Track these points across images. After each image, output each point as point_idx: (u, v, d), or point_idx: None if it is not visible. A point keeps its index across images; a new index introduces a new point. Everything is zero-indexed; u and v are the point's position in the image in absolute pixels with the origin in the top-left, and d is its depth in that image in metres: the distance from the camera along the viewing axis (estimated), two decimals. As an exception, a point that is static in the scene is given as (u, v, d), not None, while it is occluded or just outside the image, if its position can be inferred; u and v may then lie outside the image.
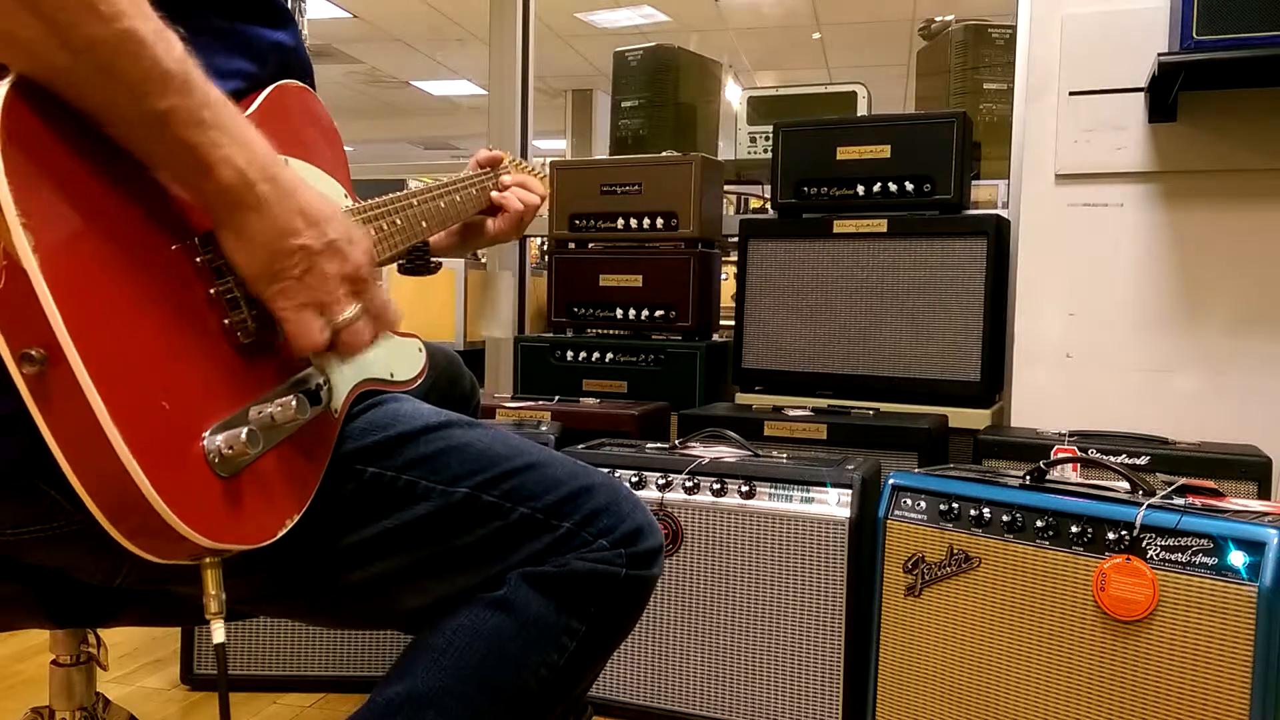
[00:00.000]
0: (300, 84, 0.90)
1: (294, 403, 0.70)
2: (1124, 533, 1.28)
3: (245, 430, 0.65)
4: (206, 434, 0.65)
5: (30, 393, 0.58)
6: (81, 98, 0.61)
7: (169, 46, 0.63)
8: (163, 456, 0.61)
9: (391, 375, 0.92)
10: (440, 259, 1.32)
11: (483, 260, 3.41)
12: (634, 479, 1.69)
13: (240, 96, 0.81)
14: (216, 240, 0.69)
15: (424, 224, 1.08)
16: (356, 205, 0.93)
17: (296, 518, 0.72)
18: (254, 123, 0.70)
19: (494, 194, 1.28)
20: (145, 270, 0.65)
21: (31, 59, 0.59)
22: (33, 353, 0.57)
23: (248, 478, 0.67)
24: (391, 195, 1.01)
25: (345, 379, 0.84)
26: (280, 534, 0.70)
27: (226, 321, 0.70)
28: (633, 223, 2.55)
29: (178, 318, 0.66)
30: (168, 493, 0.60)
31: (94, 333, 0.59)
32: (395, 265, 1.30)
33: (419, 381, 0.96)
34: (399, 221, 1.00)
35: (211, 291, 0.69)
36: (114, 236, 0.63)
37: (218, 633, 0.67)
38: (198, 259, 0.69)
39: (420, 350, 0.99)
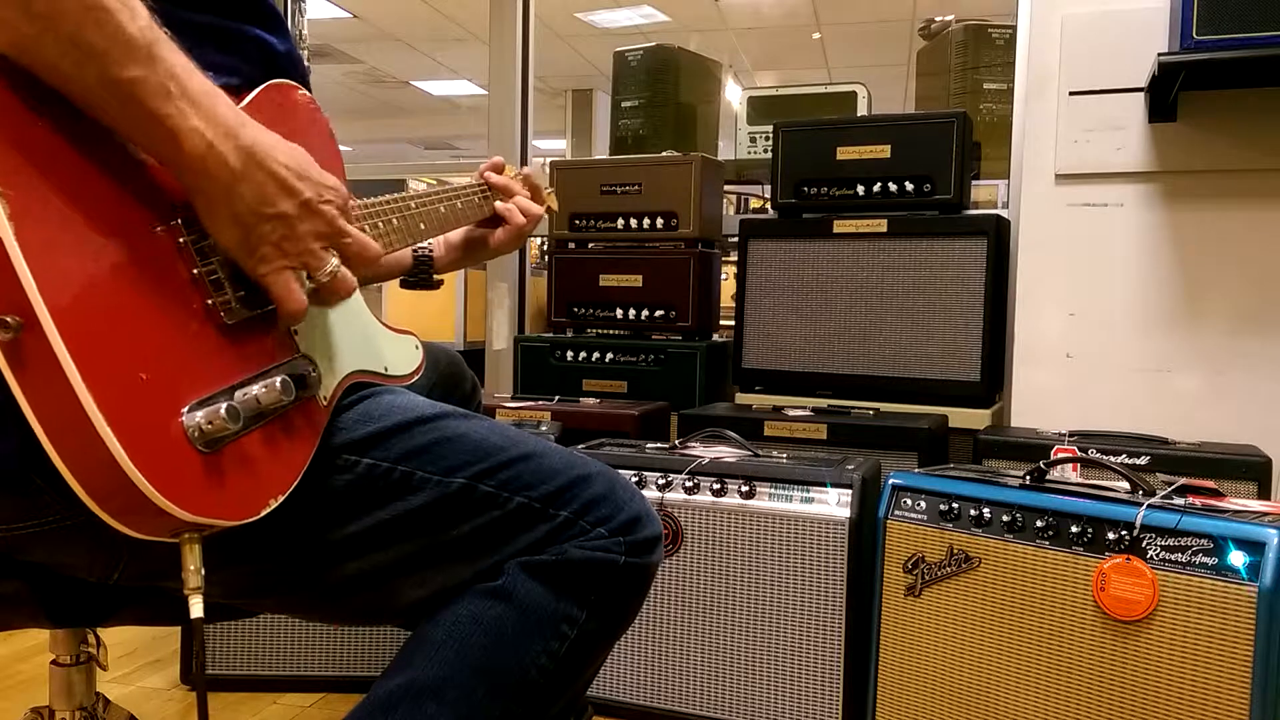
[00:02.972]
0: (294, 83, 0.89)
1: (278, 384, 0.70)
2: (1124, 533, 1.28)
3: (225, 405, 0.65)
4: (185, 410, 0.65)
5: (5, 360, 0.58)
6: (50, 68, 0.61)
7: (133, 15, 0.63)
8: (139, 427, 0.61)
9: (386, 369, 0.92)
10: (442, 275, 1.32)
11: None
12: (634, 479, 1.69)
13: (233, 95, 0.81)
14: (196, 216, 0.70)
15: (422, 225, 1.07)
16: (354, 204, 0.93)
17: (281, 499, 0.72)
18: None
19: (498, 205, 1.26)
20: (126, 247, 0.65)
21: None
22: (7, 319, 0.57)
23: (230, 455, 0.67)
24: (390, 195, 1.01)
25: (337, 368, 0.84)
26: (263, 513, 0.70)
27: (210, 302, 0.70)
28: (633, 223, 2.55)
29: (159, 295, 0.66)
30: (144, 463, 0.60)
31: (69, 302, 0.59)
32: (398, 280, 1.30)
33: (415, 378, 0.96)
34: (396, 221, 1.00)
35: (195, 272, 0.70)
36: (94, 213, 0.64)
37: (195, 608, 0.67)
38: (181, 239, 0.69)
39: (417, 348, 0.99)
